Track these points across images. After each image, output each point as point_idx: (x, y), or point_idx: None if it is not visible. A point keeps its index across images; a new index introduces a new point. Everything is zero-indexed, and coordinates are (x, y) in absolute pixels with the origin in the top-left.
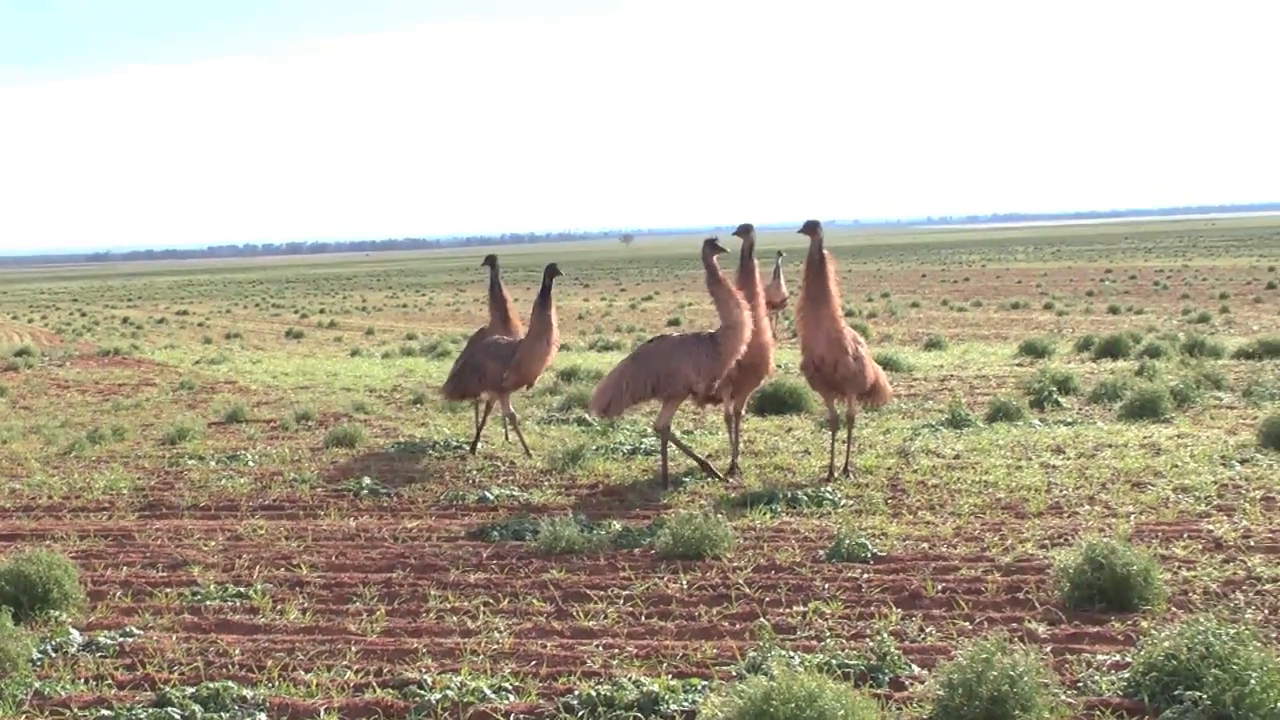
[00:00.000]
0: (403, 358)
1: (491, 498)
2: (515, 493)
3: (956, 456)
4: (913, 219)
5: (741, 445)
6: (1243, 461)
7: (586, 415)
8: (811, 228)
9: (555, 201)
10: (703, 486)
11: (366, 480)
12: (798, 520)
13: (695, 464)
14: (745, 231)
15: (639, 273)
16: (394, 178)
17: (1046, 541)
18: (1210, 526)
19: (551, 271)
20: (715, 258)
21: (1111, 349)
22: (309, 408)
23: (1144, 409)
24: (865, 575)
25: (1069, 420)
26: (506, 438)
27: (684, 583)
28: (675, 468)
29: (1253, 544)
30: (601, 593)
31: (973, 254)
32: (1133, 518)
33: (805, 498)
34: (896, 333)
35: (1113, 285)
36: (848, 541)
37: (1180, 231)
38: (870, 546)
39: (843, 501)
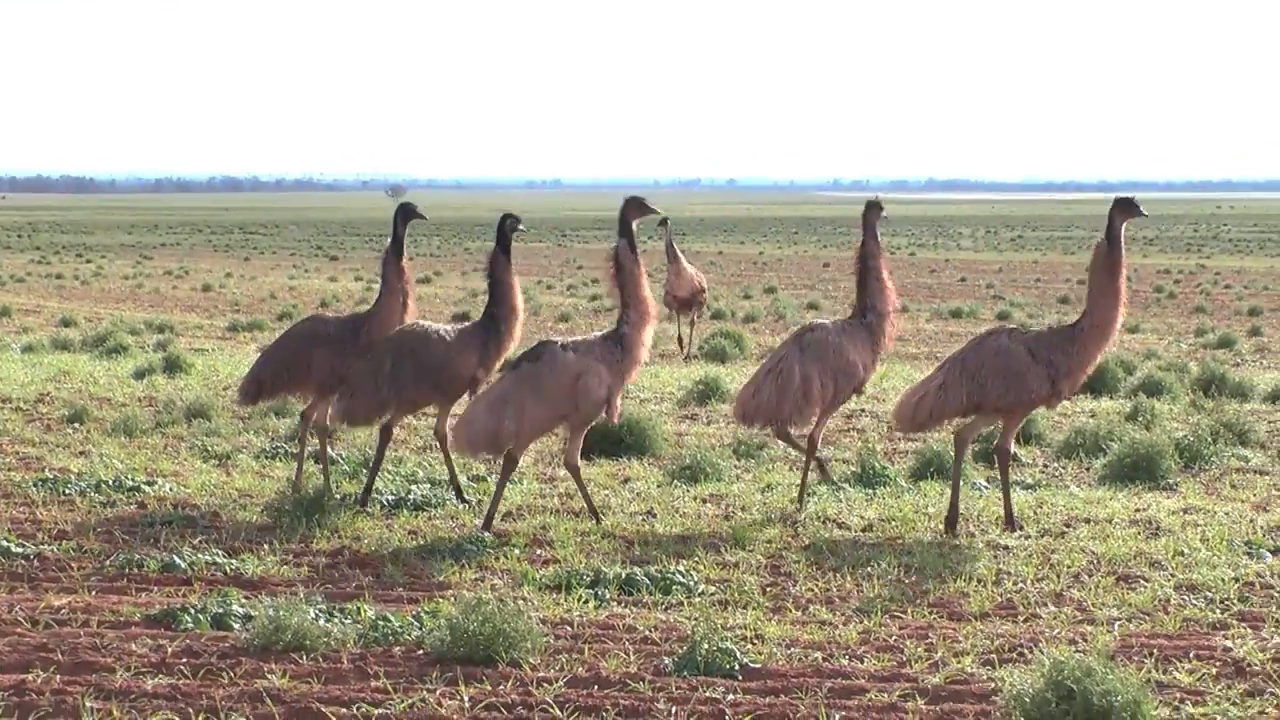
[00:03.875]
0: (55, 353)
1: (184, 565)
2: (219, 559)
3: (867, 528)
4: (813, 181)
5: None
6: (1277, 550)
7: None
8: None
9: (291, 137)
10: (498, 560)
11: None
12: (635, 612)
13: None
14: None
15: (413, 243)
16: (50, 92)
17: (993, 656)
18: (1228, 643)
19: (408, 214)
20: (879, 222)
21: (1093, 381)
22: None
23: (1138, 469)
24: (730, 696)
25: (1030, 482)
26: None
27: (465, 699)
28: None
29: None
30: (344, 711)
31: (899, 236)
32: (1118, 626)
33: (647, 580)
34: None
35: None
36: (706, 646)
37: (1195, 216)
38: (739, 655)
39: (701, 587)
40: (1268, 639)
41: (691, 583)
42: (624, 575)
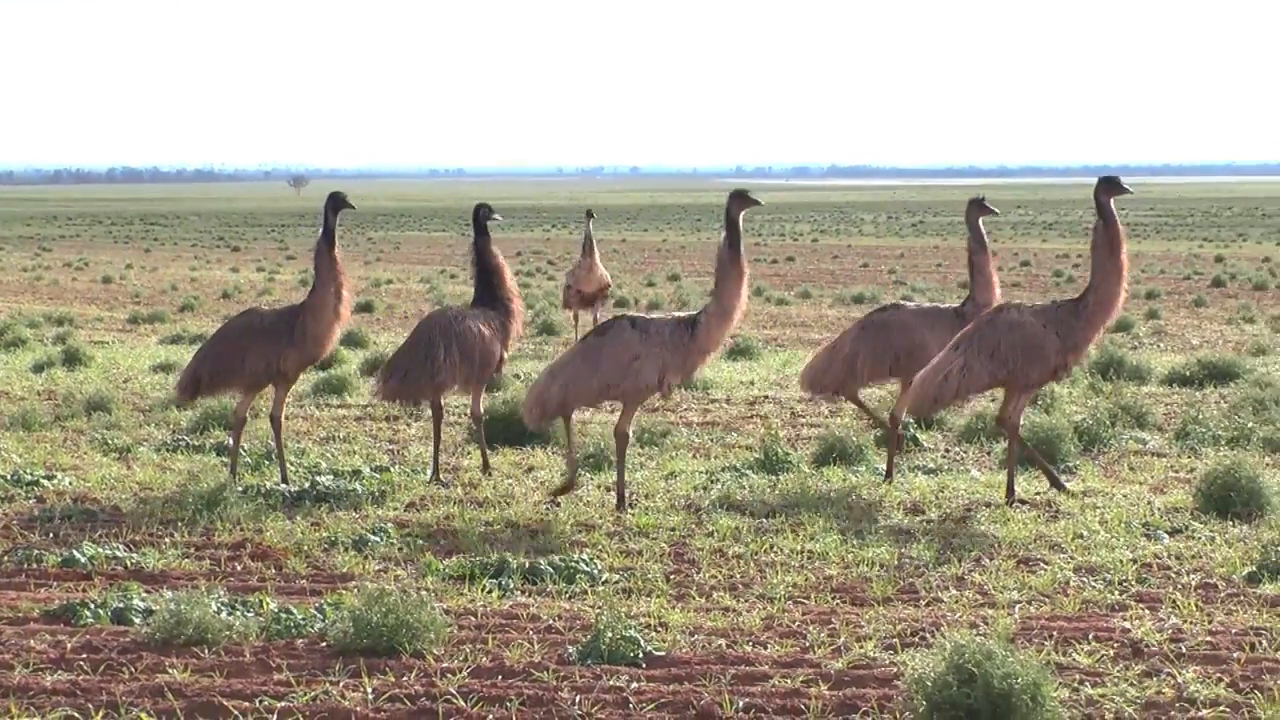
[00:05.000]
0: None
1: (84, 559)
2: (120, 553)
3: (770, 514)
4: (715, 168)
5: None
6: (1174, 532)
7: (804, 393)
8: None
9: (192, 127)
10: (401, 550)
11: None
12: (539, 602)
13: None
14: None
15: (315, 232)
16: None
17: (895, 640)
18: (1126, 624)
19: (338, 204)
20: (981, 220)
21: None
22: None
23: (1037, 453)
24: (634, 685)
25: (931, 466)
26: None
27: (369, 691)
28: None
29: (1184, 651)
30: (246, 704)
31: (801, 222)
32: (1018, 609)
33: (551, 569)
34: None
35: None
36: (610, 634)
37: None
38: (643, 642)
39: (604, 575)
40: (1165, 620)
41: (595, 571)
42: (528, 565)
